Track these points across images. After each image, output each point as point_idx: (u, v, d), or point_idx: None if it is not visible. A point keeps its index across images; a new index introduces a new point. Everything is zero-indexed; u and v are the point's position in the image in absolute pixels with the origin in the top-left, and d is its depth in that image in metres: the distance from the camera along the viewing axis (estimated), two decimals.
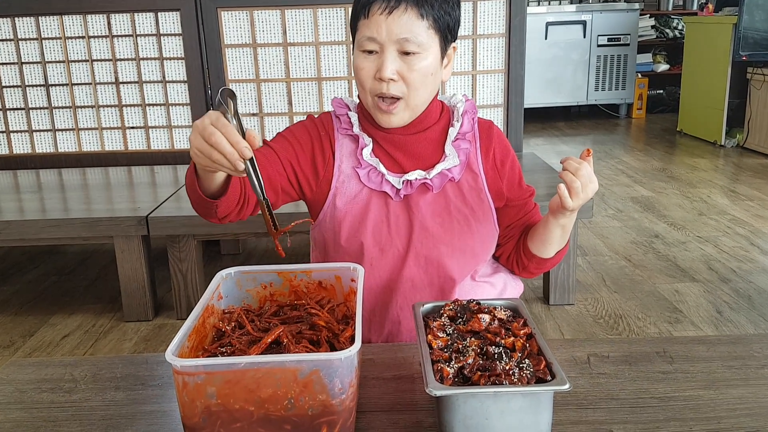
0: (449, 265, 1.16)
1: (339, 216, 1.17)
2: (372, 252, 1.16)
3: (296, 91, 2.84)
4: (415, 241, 1.15)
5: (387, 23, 1.05)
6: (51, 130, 2.87)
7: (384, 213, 1.16)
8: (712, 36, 4.57)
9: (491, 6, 2.74)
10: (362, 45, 1.08)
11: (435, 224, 1.15)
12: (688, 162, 4.16)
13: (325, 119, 1.20)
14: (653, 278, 2.38)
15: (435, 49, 1.09)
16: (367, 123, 1.18)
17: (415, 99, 1.09)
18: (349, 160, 1.17)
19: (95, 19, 2.74)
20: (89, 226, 2.05)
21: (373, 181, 1.15)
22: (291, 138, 1.17)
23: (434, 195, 1.15)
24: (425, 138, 1.16)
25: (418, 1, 1.06)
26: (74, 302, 2.37)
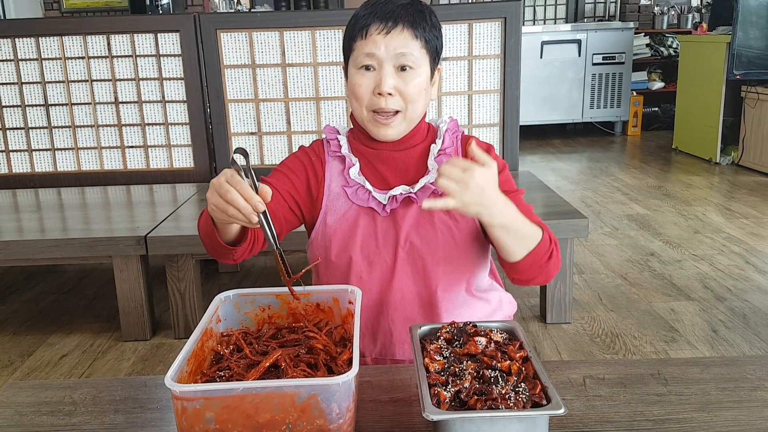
0: (435, 276, 1.19)
1: (329, 233, 1.22)
2: (361, 266, 1.20)
3: (294, 111, 2.86)
4: (401, 253, 1.19)
5: (385, 41, 1.12)
6: (50, 150, 2.89)
7: (372, 228, 1.20)
8: (706, 55, 4.62)
9: (487, 28, 2.78)
10: (360, 62, 1.14)
11: (419, 236, 1.18)
12: (683, 179, 4.18)
13: (316, 146, 1.28)
14: (649, 297, 2.40)
15: (426, 68, 1.17)
16: (357, 142, 1.24)
17: (412, 112, 1.15)
18: (338, 180, 1.23)
19: (95, 40, 2.77)
20: (88, 246, 2.06)
21: (361, 198, 1.20)
22: (286, 170, 1.24)
23: (419, 208, 1.18)
24: (411, 155, 1.22)
25: (412, 24, 1.14)
26: (72, 321, 2.38)
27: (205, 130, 2.88)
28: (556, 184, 4.18)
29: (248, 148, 2.90)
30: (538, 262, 1.09)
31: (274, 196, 1.17)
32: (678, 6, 6.20)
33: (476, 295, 1.24)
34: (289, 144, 2.91)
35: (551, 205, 2.24)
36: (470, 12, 2.81)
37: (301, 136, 2.90)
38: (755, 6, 4.14)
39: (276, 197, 1.18)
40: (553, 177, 4.40)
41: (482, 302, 1.25)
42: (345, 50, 1.21)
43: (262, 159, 2.93)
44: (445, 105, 2.85)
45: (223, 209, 0.92)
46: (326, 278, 1.24)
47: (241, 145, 2.88)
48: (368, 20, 1.14)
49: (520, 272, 1.10)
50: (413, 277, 1.20)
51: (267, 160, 2.93)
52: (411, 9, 1.15)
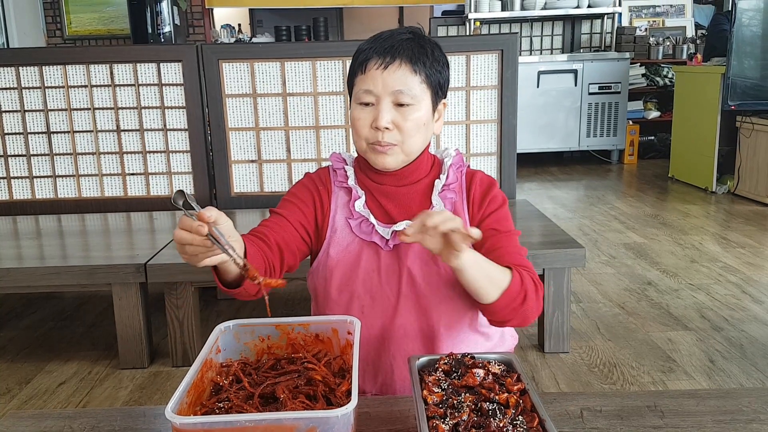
0: (438, 314, 1.19)
1: (331, 264, 1.22)
2: (363, 301, 1.21)
3: (294, 139, 2.90)
4: (404, 289, 1.19)
5: (383, 77, 1.13)
6: (51, 177, 2.91)
7: (375, 262, 1.21)
8: (701, 85, 4.68)
9: (484, 59, 2.83)
10: (359, 98, 1.16)
11: (422, 273, 1.19)
12: (679, 208, 4.21)
13: (322, 174, 1.29)
14: (647, 326, 2.40)
15: (427, 102, 1.17)
16: (363, 175, 1.25)
17: (409, 146, 1.16)
18: (343, 211, 1.24)
19: (98, 69, 2.81)
20: (88, 274, 2.07)
21: (364, 231, 1.21)
22: (295, 200, 1.25)
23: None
24: (415, 190, 1.22)
25: (411, 59, 1.15)
26: (71, 348, 2.37)
27: (206, 157, 2.91)
28: (554, 211, 4.20)
29: (248, 175, 2.93)
30: (511, 304, 1.08)
31: (286, 227, 1.21)
32: (673, 37, 6.30)
33: (479, 330, 1.25)
34: (288, 172, 2.93)
35: (548, 234, 2.26)
36: (468, 44, 2.86)
37: (300, 164, 2.93)
38: (749, 37, 4.21)
39: (287, 228, 1.21)
40: (550, 205, 4.43)
41: (484, 337, 1.26)
42: (349, 84, 1.23)
43: (262, 186, 2.95)
44: (444, 134, 2.88)
45: (181, 251, 0.95)
46: (326, 311, 1.24)
47: (242, 172, 2.91)
48: (368, 55, 1.15)
49: (493, 314, 1.11)
50: (416, 314, 1.20)
51: (267, 187, 2.95)
52: (412, 43, 1.16)
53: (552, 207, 4.35)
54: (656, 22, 6.51)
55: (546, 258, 2.08)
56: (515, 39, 2.84)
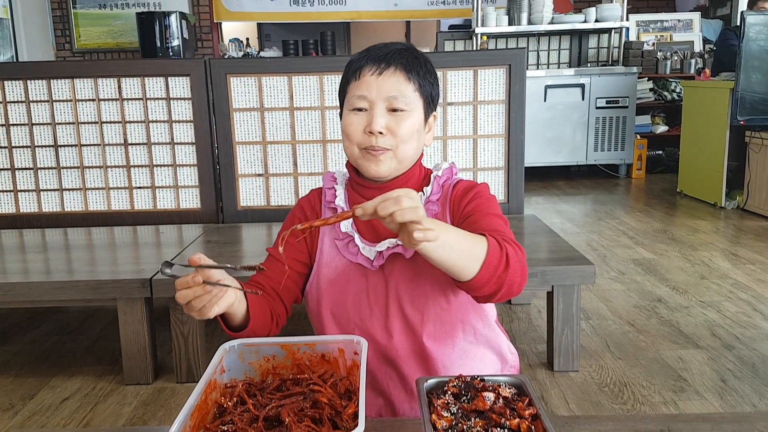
0: (427, 331, 1.17)
1: (322, 287, 1.22)
2: (354, 323, 1.19)
3: (301, 153, 2.89)
4: (392, 308, 1.17)
5: (378, 82, 1.13)
6: (58, 190, 2.91)
7: (363, 284, 1.19)
8: (710, 100, 4.66)
9: (492, 74, 2.82)
10: (353, 104, 1.15)
11: (409, 290, 1.17)
12: (688, 224, 4.18)
13: (312, 197, 1.30)
14: (657, 344, 2.37)
15: (420, 111, 1.17)
16: (353, 192, 1.24)
17: (402, 152, 1.15)
18: (331, 232, 1.23)
19: (106, 82, 2.81)
20: (93, 289, 2.06)
21: (351, 252, 1.20)
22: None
23: (407, 261, 1.17)
24: None
25: (405, 66, 1.15)
26: (75, 363, 2.36)
27: (213, 171, 2.90)
28: (562, 226, 4.18)
29: (255, 189, 2.92)
30: (495, 273, 0.99)
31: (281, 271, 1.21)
32: (681, 51, 6.29)
33: (474, 345, 1.22)
34: (295, 186, 2.92)
35: (557, 250, 2.24)
36: (476, 59, 2.85)
37: (307, 178, 2.92)
38: (757, 51, 4.19)
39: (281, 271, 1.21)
40: (558, 219, 4.40)
41: (480, 353, 1.23)
42: (341, 95, 1.22)
43: (269, 200, 2.94)
44: (451, 149, 2.87)
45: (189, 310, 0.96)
46: (320, 333, 1.24)
47: (248, 186, 2.90)
48: (362, 63, 1.16)
49: (478, 289, 1.01)
50: (406, 334, 1.18)
51: (273, 201, 2.95)
52: (405, 53, 1.17)
53: (559, 222, 4.32)
54: (664, 37, 6.51)
55: (555, 275, 2.06)
56: (523, 54, 2.84)
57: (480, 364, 1.22)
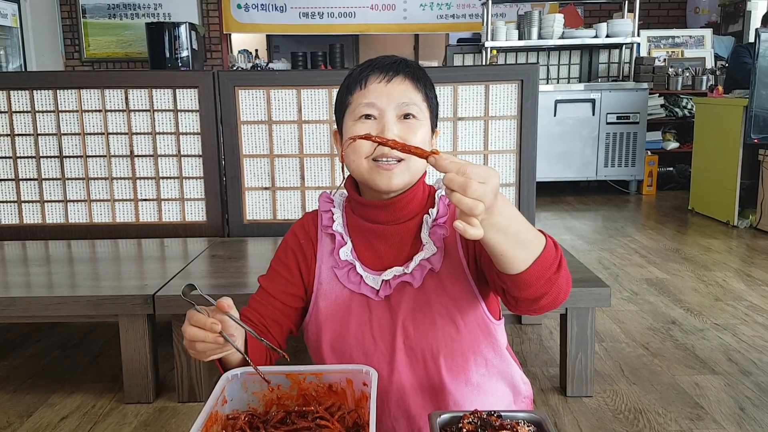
0: (437, 365, 1.10)
1: (321, 319, 1.14)
2: (356, 358, 1.12)
3: (309, 167, 2.85)
4: (398, 342, 1.10)
5: (387, 90, 1.06)
6: (62, 201, 2.87)
7: (366, 315, 1.12)
8: (723, 117, 4.61)
9: (503, 89, 2.77)
10: (360, 112, 1.07)
11: (417, 322, 1.09)
12: (701, 242, 4.11)
13: (306, 223, 1.21)
14: (672, 369, 2.30)
15: (428, 123, 1.11)
16: (353, 216, 1.16)
17: (415, 163, 1.07)
18: (329, 260, 1.16)
19: (113, 93, 2.78)
20: (95, 305, 2.01)
21: (352, 281, 1.13)
22: (279, 266, 1.20)
23: (415, 291, 1.10)
24: (408, 228, 1.13)
25: (413, 75, 1.09)
26: (75, 380, 2.31)
27: (219, 184, 2.86)
28: (572, 243, 4.11)
29: (261, 202, 2.88)
30: (546, 272, 0.91)
31: (273, 305, 1.16)
32: (692, 68, 6.24)
33: (486, 377, 1.14)
34: (302, 199, 2.88)
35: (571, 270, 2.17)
36: (487, 74, 2.81)
37: (314, 192, 2.87)
38: None
39: (274, 304, 1.16)
40: (568, 236, 4.34)
41: (493, 385, 1.15)
42: (339, 107, 1.13)
43: (275, 214, 2.90)
44: None
45: (190, 347, 0.94)
46: None
47: (255, 199, 2.86)
48: (367, 72, 1.08)
49: (525, 287, 0.91)
50: (413, 369, 1.10)
51: (280, 215, 2.90)
52: (411, 63, 1.11)
53: (570, 238, 4.26)
54: (675, 53, 6.46)
55: (569, 297, 1.99)
56: (536, 69, 2.79)
57: (492, 398, 1.15)
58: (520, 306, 0.99)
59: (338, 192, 1.22)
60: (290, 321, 1.18)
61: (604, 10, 7.25)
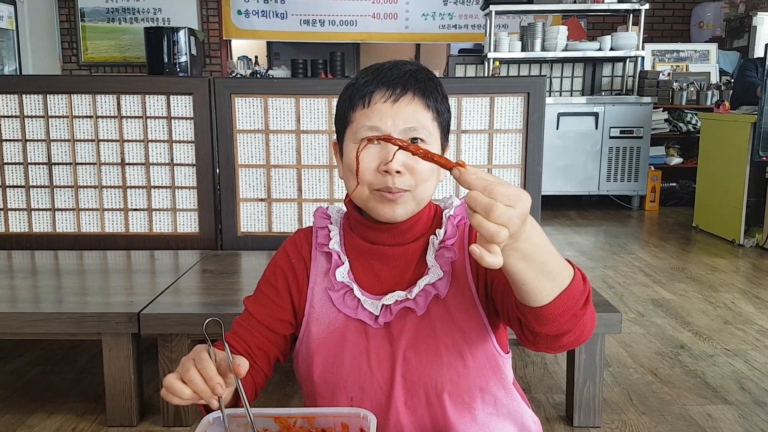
0: (441, 402, 1.00)
1: (313, 346, 1.04)
2: (351, 391, 1.01)
3: (307, 178, 2.75)
4: (398, 376, 0.99)
5: (393, 111, 0.95)
6: (50, 210, 2.77)
7: (363, 344, 1.01)
8: (729, 133, 4.52)
9: (509, 102, 2.68)
10: (361, 134, 0.96)
11: (420, 353, 0.99)
12: (707, 261, 4.01)
13: (299, 240, 1.11)
14: (683, 398, 2.20)
15: (438, 144, 1.00)
16: (351, 234, 1.06)
17: (421, 192, 0.97)
18: (323, 282, 1.06)
19: (104, 99, 2.68)
20: (77, 322, 1.90)
21: (348, 305, 1.02)
22: (267, 289, 1.09)
23: (418, 319, 1.00)
24: (413, 250, 1.03)
25: (424, 92, 0.98)
26: (56, 399, 2.20)
27: (213, 194, 2.76)
28: (575, 260, 4.01)
29: (256, 214, 2.78)
30: (572, 308, 0.81)
31: (259, 330, 1.05)
32: (697, 82, 6.17)
33: (494, 417, 1.03)
34: (299, 212, 2.78)
35: None
36: (492, 86, 2.72)
37: (312, 204, 2.78)
38: None
39: (261, 331, 1.05)
40: (570, 252, 4.24)
41: (500, 426, 1.05)
42: (340, 122, 1.02)
43: (271, 227, 2.80)
44: None
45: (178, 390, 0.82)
46: (310, 402, 1.06)
47: (249, 211, 2.76)
48: (371, 87, 0.97)
49: (547, 323, 0.82)
50: (414, 405, 1.00)
51: (275, 227, 2.80)
52: (421, 75, 0.98)
53: (573, 255, 4.16)
54: (680, 67, 6.39)
55: None
56: (543, 82, 2.70)
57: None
58: (539, 342, 0.89)
59: (335, 207, 1.12)
60: (278, 349, 1.08)
61: (607, 23, 7.19)
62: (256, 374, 1.04)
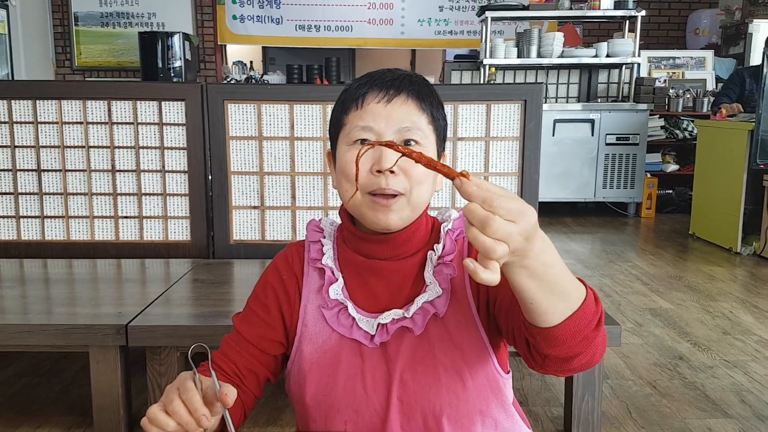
0: (440, 427, 0.95)
1: (305, 367, 0.99)
2: (345, 414, 0.97)
3: (300, 186, 2.71)
4: (394, 399, 0.95)
5: (386, 111, 0.92)
6: (39, 217, 2.72)
7: (357, 365, 0.97)
8: (726, 141, 4.50)
9: (506, 109, 2.65)
10: (355, 136, 0.93)
11: (417, 375, 0.95)
12: (704, 270, 3.98)
13: (290, 255, 1.06)
14: (682, 411, 2.16)
15: (433, 148, 0.97)
16: (345, 248, 1.02)
17: (417, 196, 0.93)
18: (316, 299, 1.01)
19: (95, 105, 2.64)
20: (64, 334, 1.85)
21: (343, 324, 0.98)
22: (256, 307, 1.04)
23: (416, 339, 0.96)
24: (409, 265, 0.99)
25: (418, 94, 0.95)
26: (43, 412, 2.15)
27: (205, 202, 2.72)
28: (572, 268, 3.95)
29: (249, 222, 2.73)
30: (583, 330, 0.77)
31: (248, 350, 1.01)
32: (693, 89, 6.16)
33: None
34: (293, 220, 2.74)
35: None
36: (489, 93, 2.68)
37: (306, 212, 2.73)
38: None
39: (249, 351, 1.01)
40: (567, 260, 4.19)
41: None
42: (333, 127, 0.99)
43: (264, 234, 2.76)
44: None
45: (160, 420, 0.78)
46: (307, 425, 1.01)
47: (242, 219, 2.72)
48: (364, 89, 0.94)
49: (556, 344, 0.77)
50: (411, 429, 0.95)
51: (268, 235, 2.76)
52: (415, 79, 0.96)
53: (569, 263, 4.13)
54: (676, 74, 6.38)
55: None
56: (540, 89, 2.67)
57: None
58: (547, 365, 0.84)
59: (329, 220, 1.08)
60: (268, 369, 1.04)
61: (603, 30, 7.18)
62: (245, 396, 1.00)
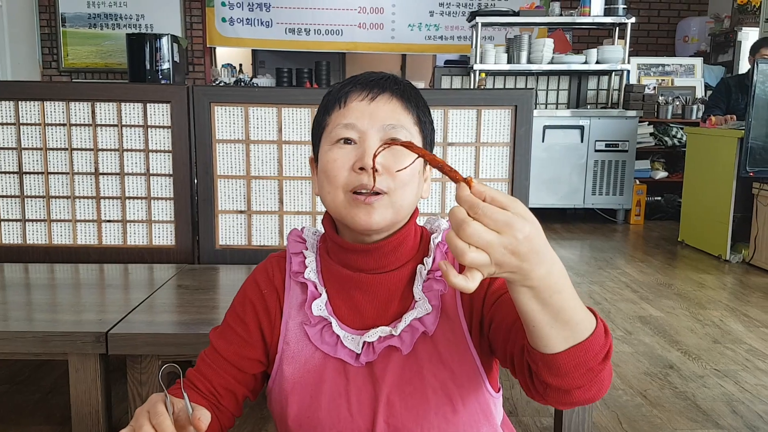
0: None
1: (287, 387, 0.94)
2: None
3: (288, 190, 2.67)
4: (380, 422, 0.90)
5: (370, 109, 0.88)
6: (20, 221, 2.66)
7: (342, 385, 0.93)
8: (716, 148, 4.50)
9: (496, 115, 2.62)
10: (337, 134, 0.89)
11: (405, 396, 0.91)
12: (693, 277, 3.97)
13: (271, 266, 1.01)
14: (673, 421, 2.14)
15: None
16: (329, 260, 0.97)
17: (400, 198, 0.88)
18: (298, 315, 0.96)
19: (79, 106, 2.59)
20: (42, 341, 1.80)
21: (327, 342, 0.93)
22: (234, 323, 1.00)
23: (404, 358, 0.92)
24: (397, 279, 0.94)
25: (403, 94, 0.91)
26: (22, 420, 2.09)
27: (191, 206, 2.67)
28: None
29: (236, 227, 2.68)
30: (588, 362, 0.73)
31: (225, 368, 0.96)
32: (682, 97, 6.17)
33: None
34: (280, 225, 2.69)
35: None
36: (479, 98, 2.66)
37: (293, 217, 2.69)
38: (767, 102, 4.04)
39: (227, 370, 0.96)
40: None
41: None
42: (315, 130, 0.95)
43: (250, 240, 2.71)
44: (450, 193, 2.66)
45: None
46: None
47: (228, 223, 2.67)
48: (347, 89, 0.91)
49: (560, 374, 0.73)
50: None
51: (255, 240, 2.71)
52: (400, 80, 0.92)
53: None
54: (665, 81, 6.40)
55: None
56: (530, 95, 2.65)
57: None
58: (549, 395, 0.79)
59: (311, 230, 1.03)
60: (246, 388, 0.99)
61: (593, 36, 7.19)
62: (222, 415, 0.96)
